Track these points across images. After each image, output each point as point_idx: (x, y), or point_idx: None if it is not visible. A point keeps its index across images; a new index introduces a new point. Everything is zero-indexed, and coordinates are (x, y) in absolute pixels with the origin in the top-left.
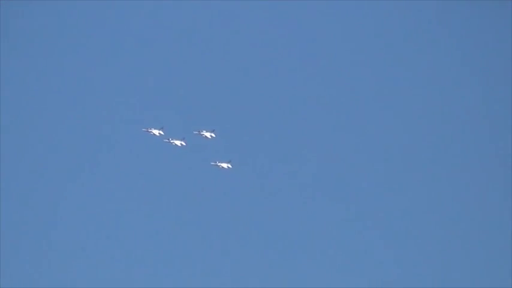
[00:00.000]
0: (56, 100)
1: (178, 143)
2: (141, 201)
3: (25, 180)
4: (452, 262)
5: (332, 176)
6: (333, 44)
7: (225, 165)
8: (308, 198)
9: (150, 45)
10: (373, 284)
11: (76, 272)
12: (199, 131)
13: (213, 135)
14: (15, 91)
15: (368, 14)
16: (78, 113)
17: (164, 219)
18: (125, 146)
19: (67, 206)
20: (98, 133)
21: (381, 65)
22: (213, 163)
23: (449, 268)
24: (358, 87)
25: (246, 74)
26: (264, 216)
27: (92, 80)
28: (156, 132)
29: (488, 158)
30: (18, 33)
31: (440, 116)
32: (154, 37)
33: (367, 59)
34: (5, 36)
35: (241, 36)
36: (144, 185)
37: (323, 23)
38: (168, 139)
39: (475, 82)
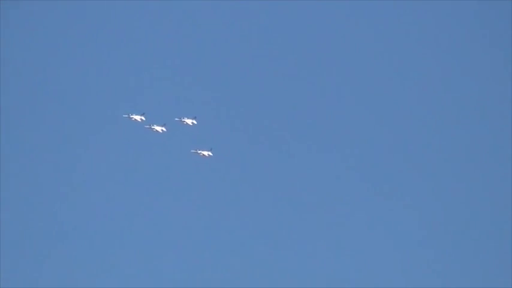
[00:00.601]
0: (39, 86)
1: (159, 129)
2: (121, 188)
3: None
4: (452, 262)
5: (317, 165)
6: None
7: (205, 153)
8: (291, 189)
9: (133, 30)
10: (373, 285)
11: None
12: (180, 118)
13: (195, 122)
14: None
15: (368, 14)
16: (58, 100)
17: (143, 206)
18: (105, 132)
19: (48, 190)
20: (78, 119)
21: (380, 65)
22: (193, 151)
23: (449, 268)
24: (352, 83)
25: (230, 60)
26: (243, 207)
27: (74, 65)
28: (137, 118)
29: (488, 157)
30: (18, 33)
31: (440, 116)
32: (137, 22)
33: (366, 59)
34: (5, 36)
35: (224, 22)
36: (123, 171)
37: (318, 22)
38: (149, 125)
39: (475, 82)
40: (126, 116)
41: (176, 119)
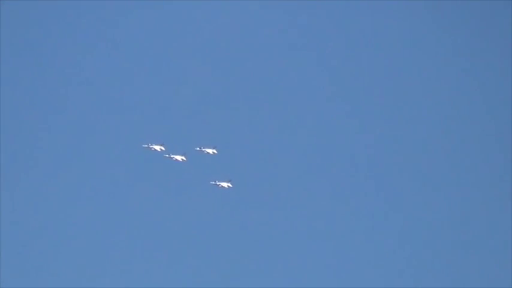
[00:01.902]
0: (57, 112)
1: (179, 158)
2: (141, 218)
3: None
4: (452, 262)
5: (336, 195)
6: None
7: (225, 184)
8: (313, 225)
9: (154, 57)
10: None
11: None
12: (200, 148)
13: (215, 151)
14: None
15: (368, 14)
16: (79, 128)
17: (162, 237)
18: (125, 162)
19: (69, 224)
20: (99, 148)
21: (380, 65)
22: (212, 182)
23: (449, 268)
24: (360, 88)
25: (251, 92)
26: (263, 239)
27: (94, 92)
28: (157, 148)
29: (488, 157)
30: (18, 33)
31: (439, 116)
32: (157, 48)
33: (366, 59)
34: (5, 36)
35: (246, 51)
36: (143, 202)
37: (323, 24)
38: (169, 154)
39: (475, 82)
40: (146, 146)
41: (197, 148)
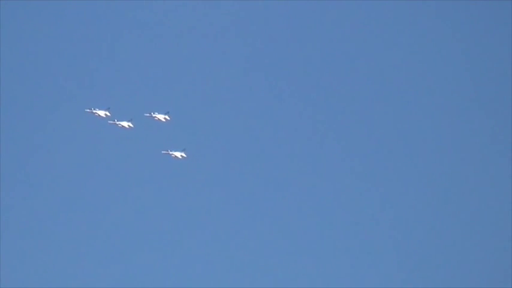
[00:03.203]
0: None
1: (125, 124)
2: (82, 192)
3: None
4: (452, 261)
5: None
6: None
7: (178, 154)
8: (271, 197)
9: (137, 29)
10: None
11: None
12: (151, 113)
13: (168, 118)
14: None
15: (368, 15)
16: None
17: (104, 211)
18: (65, 129)
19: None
20: (36, 112)
21: (380, 65)
22: (164, 151)
23: (448, 268)
24: (354, 86)
25: (211, 47)
26: (219, 217)
27: (34, 48)
28: (101, 113)
29: (488, 157)
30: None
31: (439, 116)
32: (144, 21)
33: (366, 59)
34: (5, 36)
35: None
36: (84, 173)
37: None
38: (114, 120)
39: (474, 82)
40: (89, 110)
41: (146, 114)
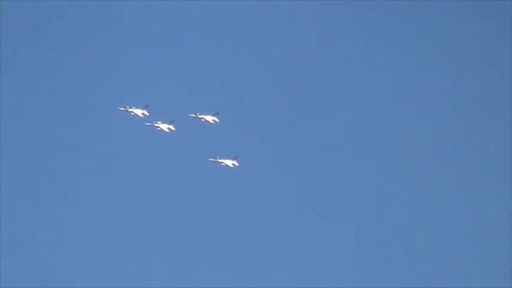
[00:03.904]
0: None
1: (165, 127)
2: (112, 206)
3: None
4: (452, 261)
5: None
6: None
7: (229, 162)
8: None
9: (137, 27)
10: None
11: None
12: (197, 114)
13: (216, 119)
14: None
15: (367, 15)
16: (57, 99)
17: (135, 231)
18: (94, 130)
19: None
20: (60, 112)
21: (379, 65)
22: (212, 159)
23: (448, 268)
24: (361, 88)
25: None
26: (276, 233)
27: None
28: (138, 112)
29: (488, 157)
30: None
31: (439, 116)
32: (140, 20)
33: (366, 59)
34: (5, 36)
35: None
36: (114, 183)
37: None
38: (152, 122)
39: (474, 82)
40: (123, 108)
41: (191, 114)
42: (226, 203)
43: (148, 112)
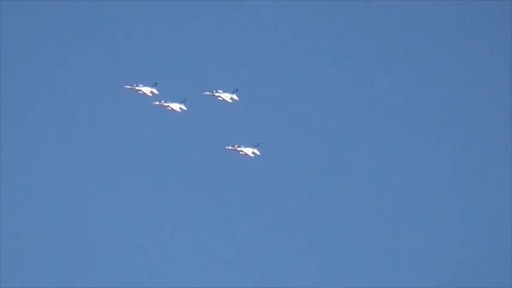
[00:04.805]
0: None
1: (176, 107)
2: (118, 191)
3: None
4: (452, 261)
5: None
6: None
7: (249, 150)
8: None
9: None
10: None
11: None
12: (213, 92)
13: (235, 97)
14: None
15: (367, 15)
16: (57, 99)
17: (156, 220)
18: (98, 110)
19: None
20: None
21: (379, 65)
22: (230, 147)
23: (448, 268)
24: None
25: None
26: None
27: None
28: (146, 90)
29: (488, 158)
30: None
31: (439, 117)
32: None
33: (366, 59)
34: (5, 36)
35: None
36: (121, 169)
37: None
38: (161, 101)
39: (474, 82)
40: (130, 87)
41: (207, 92)
42: (246, 199)
43: (157, 90)
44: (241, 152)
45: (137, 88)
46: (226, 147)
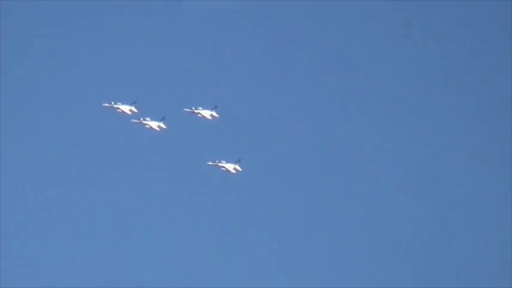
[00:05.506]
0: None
1: (154, 125)
2: (95, 213)
3: None
4: (451, 261)
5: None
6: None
7: (230, 167)
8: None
9: (136, 28)
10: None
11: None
12: (192, 109)
13: (215, 114)
14: None
15: (367, 15)
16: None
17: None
18: (76, 129)
19: None
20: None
21: (379, 65)
22: (211, 163)
23: (448, 267)
24: (360, 87)
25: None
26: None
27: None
28: (125, 108)
29: (488, 158)
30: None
31: (438, 117)
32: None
33: (366, 59)
34: (5, 36)
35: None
36: (99, 192)
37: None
38: (140, 119)
39: (474, 82)
40: (108, 105)
41: (186, 109)
42: (227, 216)
43: (136, 109)
44: (222, 168)
45: (116, 106)
46: (208, 163)
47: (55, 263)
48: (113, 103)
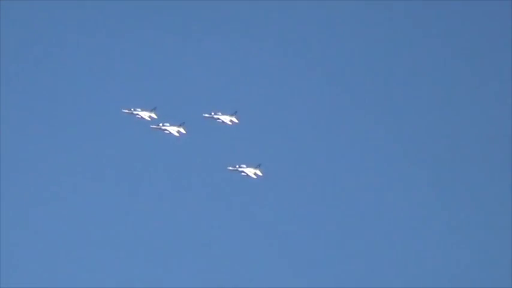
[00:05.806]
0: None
1: (174, 130)
2: (116, 221)
3: None
4: (452, 261)
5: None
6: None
7: (251, 171)
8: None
9: (137, 27)
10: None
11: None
12: (212, 114)
13: (235, 120)
14: None
15: (367, 15)
16: (57, 100)
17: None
18: (95, 135)
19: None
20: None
21: (379, 65)
22: (231, 168)
23: (448, 267)
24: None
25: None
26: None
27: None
28: (144, 115)
29: (488, 158)
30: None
31: (439, 117)
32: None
33: (366, 59)
34: (5, 36)
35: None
36: (119, 197)
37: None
38: (159, 125)
39: (474, 82)
40: (128, 111)
41: (205, 114)
42: (248, 221)
43: (156, 115)
44: (242, 173)
45: (135, 112)
46: (228, 168)
47: (61, 264)
48: (132, 109)
